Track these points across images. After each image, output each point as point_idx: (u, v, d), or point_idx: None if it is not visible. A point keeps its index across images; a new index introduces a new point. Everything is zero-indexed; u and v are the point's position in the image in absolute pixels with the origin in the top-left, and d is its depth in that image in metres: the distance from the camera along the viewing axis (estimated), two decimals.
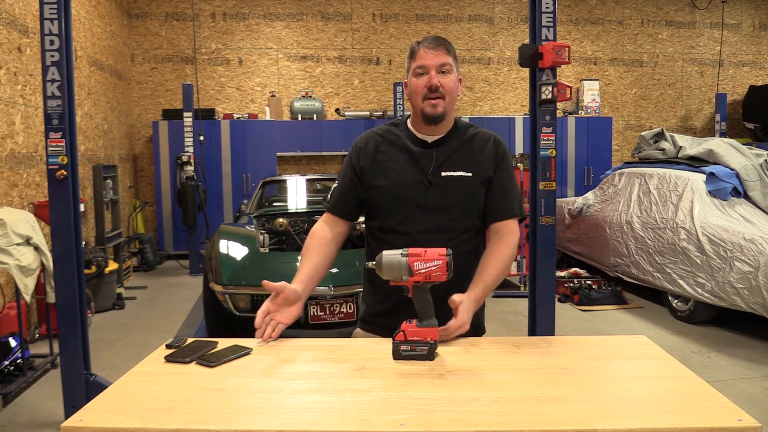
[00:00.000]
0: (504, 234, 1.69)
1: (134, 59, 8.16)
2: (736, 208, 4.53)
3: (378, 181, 1.70)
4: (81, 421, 1.09)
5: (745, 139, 8.41)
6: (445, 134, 1.72)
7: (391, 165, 1.70)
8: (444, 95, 1.65)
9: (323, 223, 1.78)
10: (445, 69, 1.66)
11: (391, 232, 1.69)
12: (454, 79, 1.68)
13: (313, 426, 1.07)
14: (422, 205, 1.66)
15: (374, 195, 1.71)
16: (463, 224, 1.68)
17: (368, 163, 1.72)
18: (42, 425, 3.00)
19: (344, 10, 8.43)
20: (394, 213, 1.68)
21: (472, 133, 1.75)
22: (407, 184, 1.67)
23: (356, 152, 1.76)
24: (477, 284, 1.59)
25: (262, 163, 7.81)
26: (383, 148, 1.73)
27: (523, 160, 5.51)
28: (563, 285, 5.49)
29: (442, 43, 1.69)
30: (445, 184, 1.67)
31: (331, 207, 1.78)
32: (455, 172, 1.68)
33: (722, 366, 3.74)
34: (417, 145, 1.71)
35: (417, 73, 1.67)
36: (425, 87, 1.64)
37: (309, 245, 1.73)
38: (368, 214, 1.78)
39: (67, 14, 2.76)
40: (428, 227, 1.65)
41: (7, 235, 3.25)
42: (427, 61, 1.65)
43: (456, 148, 1.71)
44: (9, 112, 4.38)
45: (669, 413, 1.09)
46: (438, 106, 1.64)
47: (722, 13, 9.02)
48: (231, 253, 4.00)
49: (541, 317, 3.05)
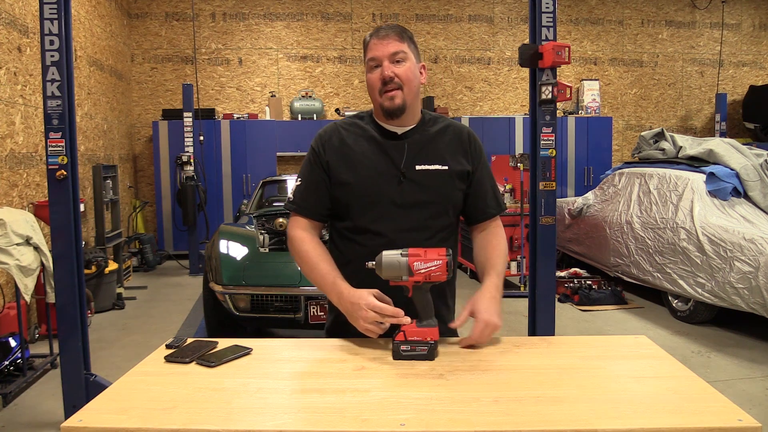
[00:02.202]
0: (492, 229, 1.68)
1: (134, 59, 8.16)
2: (736, 208, 4.53)
3: (346, 177, 1.56)
4: (81, 421, 1.09)
5: (745, 139, 8.40)
6: (415, 125, 1.62)
7: (359, 158, 1.57)
8: (401, 85, 1.53)
9: (301, 230, 1.60)
10: (399, 57, 1.53)
11: (364, 232, 1.57)
12: (410, 67, 1.55)
13: (313, 426, 1.07)
14: (397, 202, 1.55)
15: (343, 192, 1.58)
16: (441, 222, 1.61)
17: (334, 158, 1.58)
18: (42, 425, 2.99)
19: (344, 10, 8.43)
20: (366, 211, 1.56)
21: (443, 124, 1.66)
22: (379, 179, 1.55)
23: (320, 145, 1.61)
24: (491, 273, 1.56)
25: (262, 163, 7.80)
26: (350, 141, 1.60)
27: (523, 160, 5.51)
28: (563, 285, 5.49)
29: (395, 30, 1.55)
30: (421, 179, 1.56)
31: (300, 208, 1.61)
32: (431, 165, 1.57)
33: (722, 366, 3.74)
34: (386, 137, 1.60)
35: (370, 67, 1.56)
36: (380, 80, 1.53)
37: (312, 254, 1.55)
38: (336, 214, 1.63)
39: (67, 14, 2.76)
40: (404, 225, 1.55)
41: (7, 235, 3.25)
42: (377, 53, 1.53)
43: (429, 139, 1.61)
44: (9, 112, 4.38)
45: (669, 413, 1.09)
46: (396, 98, 1.53)
47: (722, 13, 9.02)
48: (231, 253, 4.00)
49: (541, 317, 3.05)
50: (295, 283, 3.72)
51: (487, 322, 1.45)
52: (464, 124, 1.76)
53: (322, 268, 1.53)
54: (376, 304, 1.38)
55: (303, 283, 3.71)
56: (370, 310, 1.37)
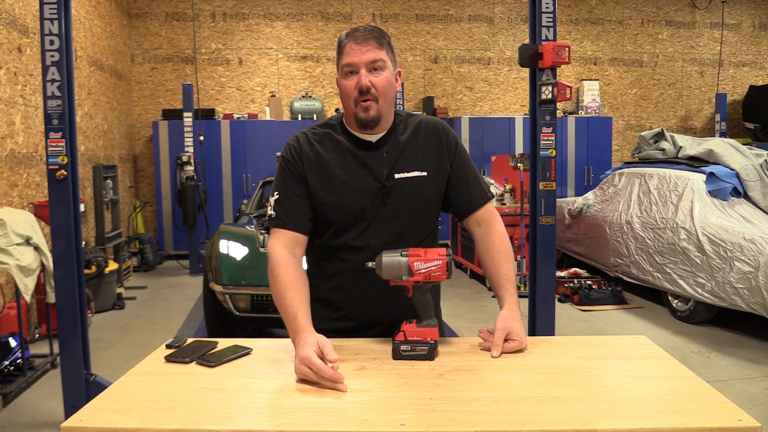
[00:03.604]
0: (489, 222, 1.60)
1: (134, 59, 8.16)
2: (736, 208, 4.53)
3: (327, 197, 1.50)
4: (81, 421, 1.09)
5: (745, 139, 8.40)
6: (388, 130, 1.55)
7: (339, 174, 1.50)
8: (377, 97, 1.46)
9: (282, 246, 1.47)
10: (378, 65, 1.46)
11: (346, 249, 1.52)
12: (387, 77, 1.48)
13: (313, 426, 1.07)
14: (379, 215, 1.51)
15: (324, 211, 1.51)
16: (424, 229, 1.58)
17: (312, 175, 1.51)
18: (42, 425, 2.99)
19: (344, 10, 8.43)
20: (347, 229, 1.51)
21: (414, 123, 1.59)
22: (360, 197, 1.50)
23: (295, 156, 1.53)
24: (506, 287, 1.50)
25: (262, 163, 7.80)
26: (326, 155, 1.52)
27: (523, 160, 5.51)
28: (563, 285, 5.49)
29: (374, 34, 1.47)
30: (400, 188, 1.51)
31: (283, 223, 1.49)
32: (409, 173, 1.52)
33: (722, 366, 3.74)
34: (361, 148, 1.53)
35: (345, 72, 1.48)
36: (355, 89, 1.46)
37: (284, 279, 1.42)
38: (314, 230, 1.54)
39: (67, 14, 2.76)
40: (387, 238, 1.50)
41: (7, 235, 3.25)
42: (355, 59, 1.45)
43: (404, 143, 1.55)
44: (9, 112, 4.38)
45: (669, 413, 1.09)
46: (370, 110, 1.46)
47: (722, 13, 9.02)
48: (231, 253, 4.00)
49: (541, 317, 3.06)
50: None
51: (521, 347, 1.42)
52: (435, 118, 1.66)
53: (288, 298, 1.39)
54: (314, 362, 1.22)
55: None
56: (305, 364, 1.24)
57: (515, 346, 1.40)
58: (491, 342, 1.41)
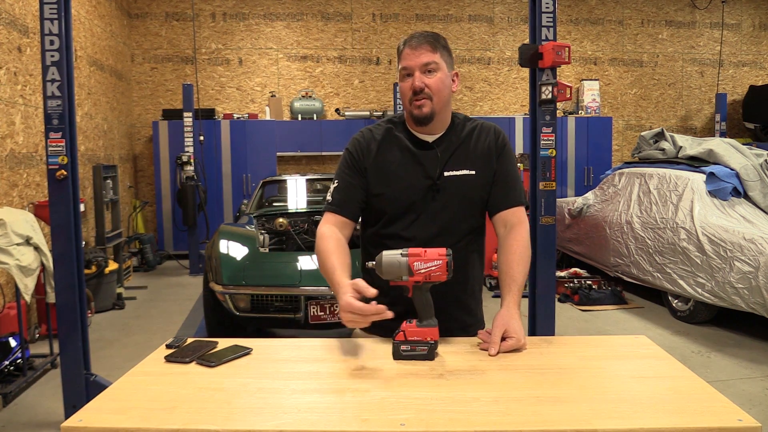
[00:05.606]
0: (514, 224, 1.64)
1: (134, 59, 8.16)
2: (736, 208, 4.53)
3: (383, 189, 1.64)
4: (81, 421, 1.09)
5: (745, 139, 8.40)
6: (444, 132, 1.67)
7: (395, 170, 1.63)
8: (431, 95, 1.58)
9: (330, 225, 1.63)
10: (431, 68, 1.58)
11: (394, 238, 1.63)
12: (441, 78, 1.60)
13: (313, 426, 1.07)
14: (428, 209, 1.62)
15: (378, 202, 1.65)
16: (468, 224, 1.65)
17: (372, 167, 1.65)
18: (42, 425, 3.00)
19: (344, 10, 8.43)
20: (397, 219, 1.63)
21: (471, 127, 1.70)
22: (411, 191, 1.62)
23: (359, 150, 1.67)
24: (510, 287, 1.54)
25: (262, 163, 7.81)
26: (385, 151, 1.66)
27: (523, 160, 5.51)
28: (563, 285, 5.49)
29: (428, 39, 1.59)
30: (449, 185, 1.62)
31: (336, 208, 1.65)
32: (458, 171, 1.63)
33: (722, 366, 3.74)
34: (418, 147, 1.65)
35: (403, 75, 1.61)
36: (410, 89, 1.59)
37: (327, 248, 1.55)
38: (367, 220, 1.71)
39: (67, 14, 2.76)
40: (433, 231, 1.61)
41: (7, 235, 3.25)
42: (410, 62, 1.58)
43: (457, 145, 1.66)
44: (9, 112, 4.38)
45: (669, 413, 1.09)
46: (424, 107, 1.58)
47: (722, 13, 9.02)
48: (231, 253, 4.00)
49: (541, 317, 3.06)
50: (295, 283, 3.72)
51: (519, 345, 1.43)
52: None
53: (329, 263, 1.52)
54: (353, 304, 1.32)
55: (303, 283, 3.71)
56: (347, 311, 1.33)
57: (513, 343, 1.42)
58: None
